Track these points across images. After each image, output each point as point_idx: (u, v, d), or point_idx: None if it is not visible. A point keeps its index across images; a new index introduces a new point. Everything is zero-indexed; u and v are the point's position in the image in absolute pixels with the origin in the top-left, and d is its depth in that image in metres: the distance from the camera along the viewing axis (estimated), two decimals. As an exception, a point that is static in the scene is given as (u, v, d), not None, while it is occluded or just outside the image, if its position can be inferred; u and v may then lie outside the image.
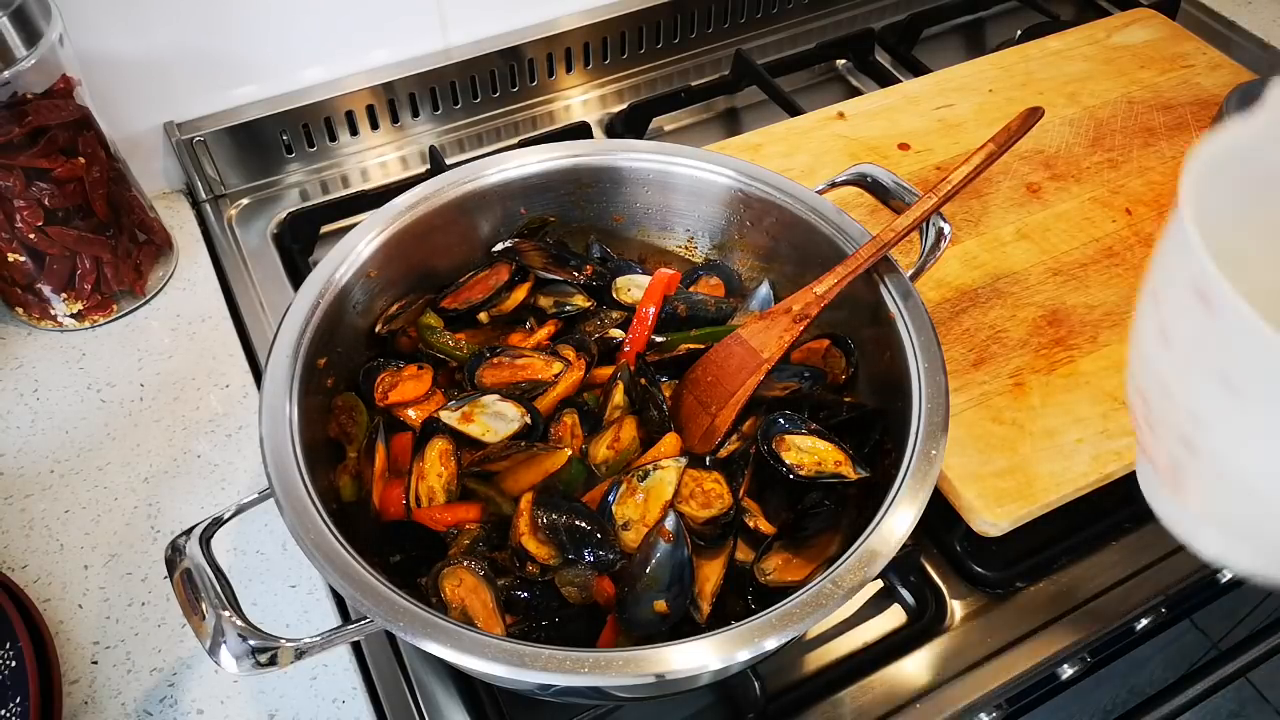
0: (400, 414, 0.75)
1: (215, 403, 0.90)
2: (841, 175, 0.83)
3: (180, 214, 1.08)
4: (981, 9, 1.37)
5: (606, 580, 0.65)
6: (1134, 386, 0.63)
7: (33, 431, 0.87)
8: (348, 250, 0.74)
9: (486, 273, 0.82)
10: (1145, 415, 0.60)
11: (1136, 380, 0.62)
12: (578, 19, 1.18)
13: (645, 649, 0.54)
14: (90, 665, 0.74)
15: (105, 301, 0.95)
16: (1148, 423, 0.61)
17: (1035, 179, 1.05)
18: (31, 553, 0.80)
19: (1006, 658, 0.77)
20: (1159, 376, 0.58)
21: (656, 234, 0.87)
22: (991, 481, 0.78)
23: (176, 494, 0.84)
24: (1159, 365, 0.57)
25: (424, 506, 0.69)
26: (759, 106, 1.26)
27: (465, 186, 0.80)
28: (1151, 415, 0.60)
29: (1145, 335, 0.59)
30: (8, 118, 0.81)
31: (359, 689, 0.73)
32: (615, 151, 0.83)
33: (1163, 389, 0.58)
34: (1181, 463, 0.58)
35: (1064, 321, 0.91)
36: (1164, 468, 0.61)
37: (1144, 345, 0.59)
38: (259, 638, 0.56)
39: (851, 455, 0.70)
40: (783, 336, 0.74)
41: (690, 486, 0.70)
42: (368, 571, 0.56)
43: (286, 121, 1.09)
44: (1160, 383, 0.58)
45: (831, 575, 0.57)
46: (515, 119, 1.21)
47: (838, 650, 0.78)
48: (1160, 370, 0.57)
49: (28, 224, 0.86)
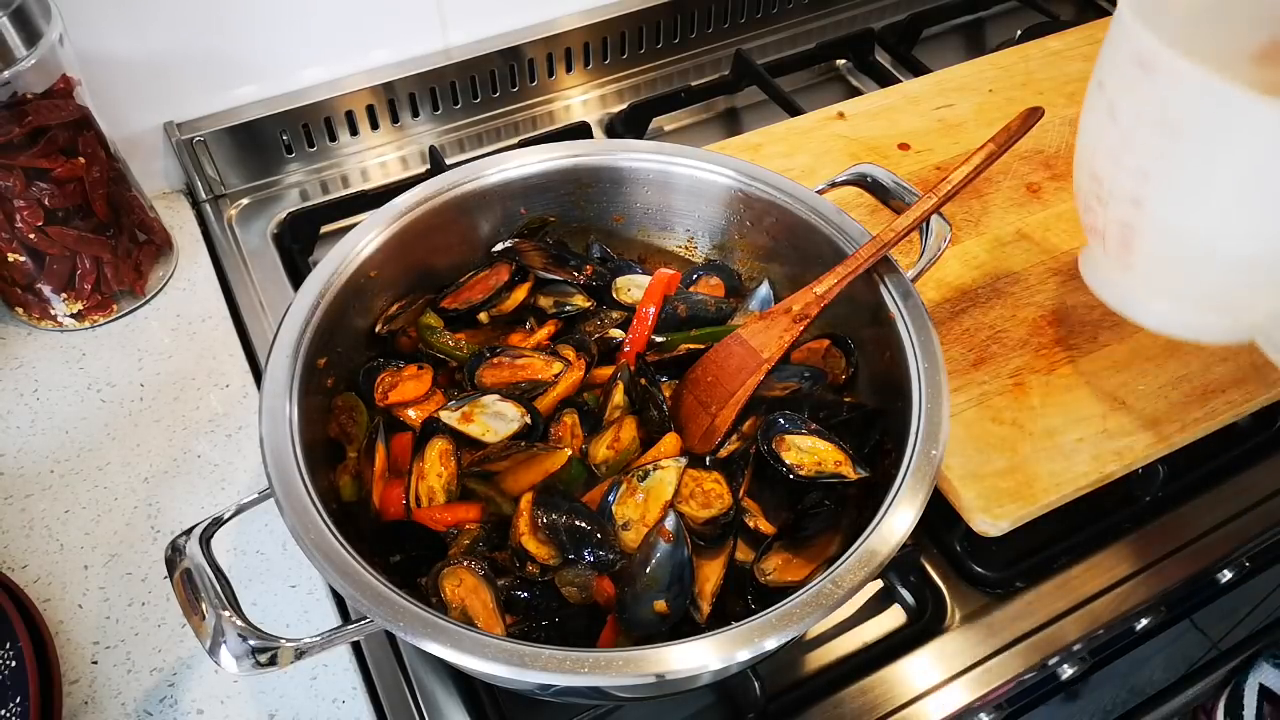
0: (400, 414, 0.75)
1: (215, 403, 0.90)
2: (841, 175, 0.83)
3: (180, 214, 1.08)
4: (981, 9, 1.38)
5: (606, 580, 0.65)
6: (1085, 172, 0.74)
7: (33, 431, 0.87)
8: (348, 250, 0.74)
9: (486, 273, 0.82)
10: (1096, 193, 0.72)
11: (1087, 165, 0.73)
12: (578, 19, 1.18)
13: (645, 649, 0.54)
14: (90, 665, 0.74)
15: (105, 301, 0.95)
16: (1099, 200, 0.72)
17: (1035, 179, 1.05)
18: (31, 553, 0.80)
19: (1006, 658, 0.77)
20: (1109, 150, 0.69)
21: (656, 234, 0.87)
22: (991, 481, 0.78)
23: (176, 494, 0.84)
24: (1109, 140, 0.69)
25: (424, 506, 0.69)
26: (759, 106, 1.26)
27: (465, 186, 0.80)
28: (1103, 189, 0.71)
29: (1094, 120, 0.71)
30: (8, 118, 0.81)
31: (359, 689, 0.73)
32: (615, 151, 0.83)
33: (1113, 159, 0.69)
34: (1130, 224, 0.70)
35: (1064, 321, 0.91)
36: (1113, 239, 0.72)
37: (1094, 129, 0.71)
38: (259, 638, 0.56)
39: (851, 455, 0.70)
40: (783, 336, 0.74)
41: (690, 486, 0.70)
42: (368, 571, 0.56)
43: (286, 121, 1.09)
44: (1110, 154, 0.69)
45: (831, 575, 0.57)
46: (515, 119, 1.21)
47: (838, 650, 0.78)
48: (1110, 143, 0.69)
49: (28, 224, 0.86)
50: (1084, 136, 0.75)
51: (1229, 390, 0.85)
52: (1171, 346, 0.89)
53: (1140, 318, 0.77)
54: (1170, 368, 0.87)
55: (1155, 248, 0.63)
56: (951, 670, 0.76)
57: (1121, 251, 0.72)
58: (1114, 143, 0.69)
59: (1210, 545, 0.83)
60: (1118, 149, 0.68)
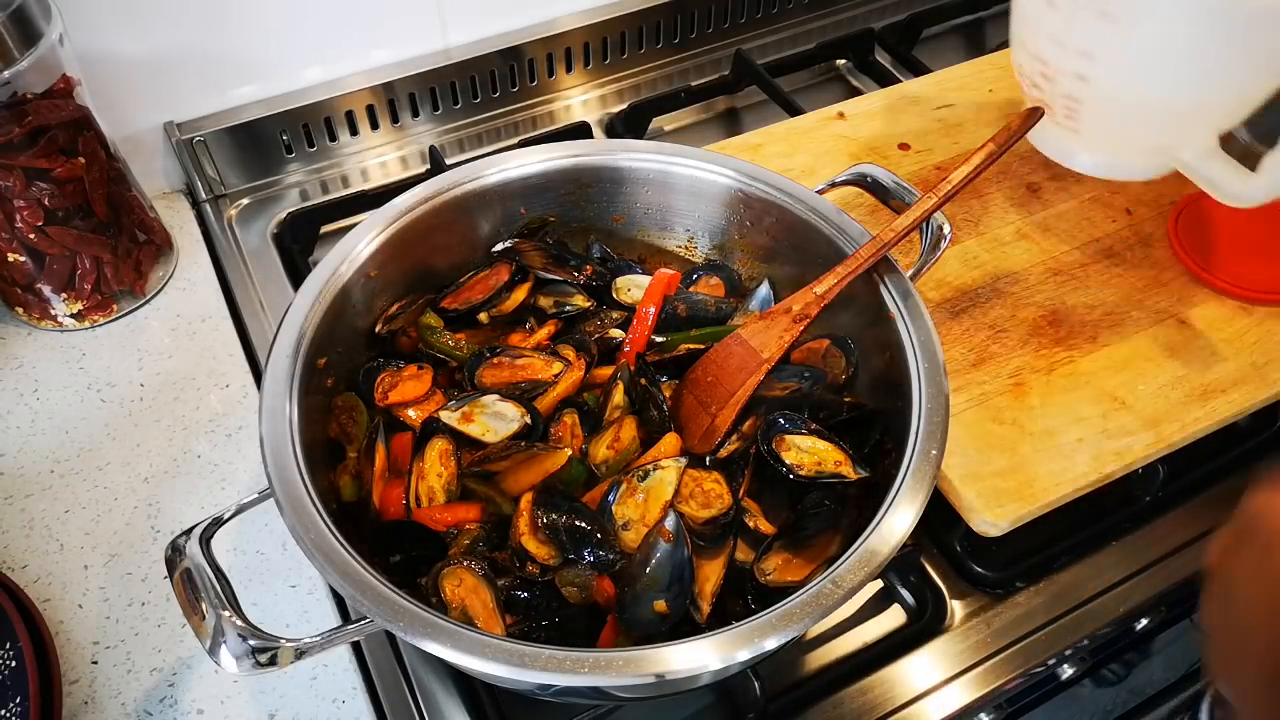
0: (400, 414, 0.75)
1: (215, 403, 0.90)
2: (841, 175, 0.83)
3: (180, 214, 1.08)
4: (981, 9, 1.37)
5: (606, 580, 0.65)
6: (1025, 53, 0.89)
7: (33, 431, 0.87)
8: (348, 250, 0.74)
9: (486, 273, 0.82)
10: (1041, 71, 0.86)
11: (1027, 47, 0.88)
12: (578, 19, 1.18)
13: (645, 649, 0.54)
14: (90, 665, 0.74)
15: (105, 301, 0.95)
16: (1044, 77, 0.86)
17: (1035, 179, 1.05)
18: (31, 553, 0.80)
19: (1006, 658, 0.77)
20: (1050, 33, 0.83)
21: (656, 234, 0.87)
22: (991, 481, 0.78)
23: (176, 494, 0.84)
24: (1049, 25, 0.83)
25: (424, 506, 0.69)
26: (759, 106, 1.26)
27: (465, 186, 0.80)
28: (1047, 68, 0.85)
29: (1032, 6, 0.85)
30: (8, 118, 0.81)
31: (359, 689, 0.73)
32: (615, 151, 0.83)
33: (1055, 42, 0.83)
34: (1077, 96, 0.85)
35: (1064, 321, 0.91)
36: (1060, 110, 0.87)
37: (1032, 15, 0.85)
38: (259, 638, 0.56)
39: (851, 455, 0.70)
40: (783, 336, 0.74)
41: (690, 486, 0.70)
42: (368, 571, 0.56)
43: (286, 121, 1.09)
44: (1052, 37, 0.83)
45: (831, 575, 0.57)
46: (515, 119, 1.21)
47: (838, 650, 0.78)
48: (1051, 28, 0.83)
49: (28, 224, 0.86)
50: (1020, 23, 0.89)
51: (1229, 390, 0.85)
52: (1171, 346, 0.89)
53: (1080, 167, 0.94)
54: (1170, 368, 0.87)
55: (1099, 113, 0.74)
56: (951, 670, 0.76)
57: (1068, 119, 0.87)
58: (1055, 28, 0.82)
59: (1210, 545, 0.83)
60: (1059, 32, 0.82)
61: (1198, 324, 0.91)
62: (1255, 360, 0.88)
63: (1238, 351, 0.88)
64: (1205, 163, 0.85)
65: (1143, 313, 0.92)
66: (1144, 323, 0.91)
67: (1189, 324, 0.91)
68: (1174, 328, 0.91)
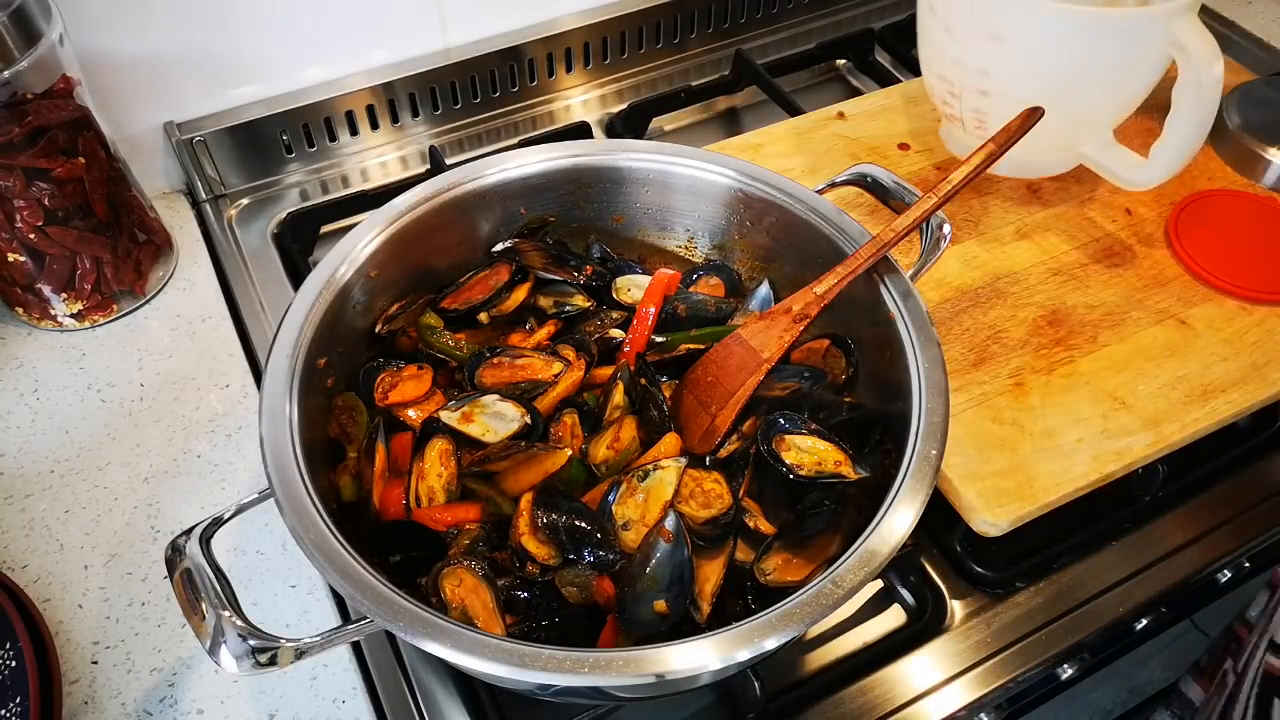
0: (400, 414, 0.75)
1: (215, 403, 0.90)
2: (841, 175, 0.83)
3: (180, 214, 1.08)
4: (981, 9, 1.37)
5: (606, 580, 0.65)
6: (933, 76, 1.00)
7: (33, 431, 0.87)
8: (348, 250, 0.74)
9: (486, 273, 0.82)
10: (949, 90, 0.98)
11: (934, 70, 0.99)
12: (578, 19, 1.18)
13: (645, 649, 0.54)
14: (90, 665, 0.74)
15: (105, 301, 0.95)
16: (952, 95, 0.98)
17: (1035, 179, 1.05)
18: (31, 553, 0.80)
19: (1006, 658, 0.77)
20: (951, 57, 0.94)
21: (656, 234, 0.87)
22: (991, 481, 0.78)
23: (176, 494, 0.84)
24: (949, 51, 0.94)
25: (424, 506, 0.69)
26: (759, 106, 1.26)
27: (465, 186, 0.80)
28: (953, 87, 0.97)
29: (932, 35, 0.96)
30: (8, 118, 0.81)
31: (359, 689, 0.73)
32: (615, 151, 0.83)
33: (956, 64, 0.94)
34: (983, 109, 0.96)
35: (1064, 321, 0.91)
36: (971, 122, 0.99)
37: (934, 43, 0.97)
38: (259, 638, 0.56)
39: (851, 455, 0.70)
40: (783, 336, 0.74)
41: (690, 486, 0.70)
42: (368, 571, 0.56)
43: (286, 121, 1.09)
44: (953, 60, 0.94)
45: (831, 575, 0.56)
46: (515, 119, 1.21)
47: (838, 650, 0.78)
48: (951, 52, 0.94)
49: (28, 224, 0.86)
50: (925, 49, 1.00)
51: (1229, 390, 0.85)
52: (1171, 346, 0.89)
53: (1000, 169, 1.03)
54: (1170, 368, 0.87)
55: (1004, 121, 0.78)
56: (951, 670, 0.76)
57: (978, 129, 0.98)
58: (955, 52, 0.93)
59: (1210, 545, 0.83)
60: (958, 56, 0.93)
61: (1198, 324, 0.91)
62: (1255, 360, 0.88)
63: (1238, 351, 0.88)
64: (1103, 154, 0.96)
65: (1143, 313, 0.92)
66: (1144, 323, 0.91)
67: (1189, 324, 0.91)
68: (1174, 328, 0.91)
